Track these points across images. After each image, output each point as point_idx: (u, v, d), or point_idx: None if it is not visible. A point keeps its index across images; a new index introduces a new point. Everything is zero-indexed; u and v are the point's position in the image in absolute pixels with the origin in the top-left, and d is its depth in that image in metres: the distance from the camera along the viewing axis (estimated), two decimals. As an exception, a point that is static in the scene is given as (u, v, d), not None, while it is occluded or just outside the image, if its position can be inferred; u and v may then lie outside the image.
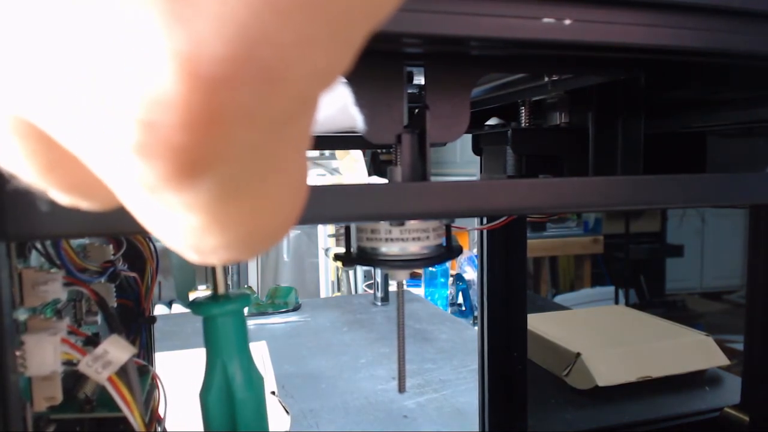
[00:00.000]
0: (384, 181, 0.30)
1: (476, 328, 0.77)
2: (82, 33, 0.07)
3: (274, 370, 1.07)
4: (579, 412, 0.79)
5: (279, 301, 1.68)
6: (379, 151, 1.54)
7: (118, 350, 0.34)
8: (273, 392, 0.94)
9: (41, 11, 0.07)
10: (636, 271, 1.85)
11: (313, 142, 0.11)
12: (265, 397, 0.39)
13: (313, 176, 2.12)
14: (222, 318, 0.37)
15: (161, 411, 0.45)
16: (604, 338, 0.92)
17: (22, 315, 0.32)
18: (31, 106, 0.08)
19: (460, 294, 2.49)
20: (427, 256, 0.35)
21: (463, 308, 2.48)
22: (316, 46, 0.08)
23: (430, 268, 2.21)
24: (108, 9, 0.07)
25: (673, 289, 1.87)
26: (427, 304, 1.88)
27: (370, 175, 2.25)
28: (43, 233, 0.21)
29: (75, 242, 0.38)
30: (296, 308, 1.68)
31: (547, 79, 0.39)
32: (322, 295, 2.40)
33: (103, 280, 0.40)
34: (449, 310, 2.33)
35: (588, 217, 1.88)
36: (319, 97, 0.09)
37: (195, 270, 2.51)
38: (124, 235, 0.41)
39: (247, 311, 1.59)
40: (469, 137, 0.61)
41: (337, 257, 0.37)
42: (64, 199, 0.10)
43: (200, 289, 2.49)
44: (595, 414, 0.79)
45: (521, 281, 0.72)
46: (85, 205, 0.11)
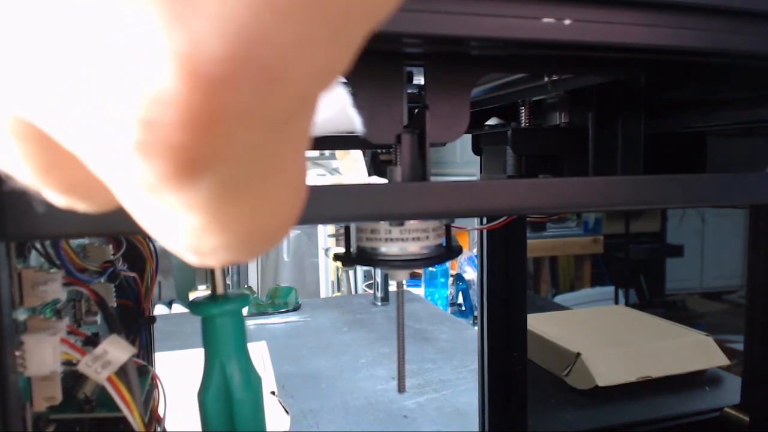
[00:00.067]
0: (384, 181, 0.30)
1: (476, 328, 0.77)
2: (82, 32, 0.07)
3: (274, 370, 1.07)
4: (579, 412, 0.79)
5: (279, 301, 1.68)
6: (379, 151, 1.54)
7: (117, 350, 0.34)
8: (273, 392, 0.94)
9: (41, 10, 0.07)
10: (636, 271, 1.85)
11: (313, 142, 0.11)
12: (263, 398, 0.39)
13: (313, 176, 2.12)
14: (220, 318, 0.37)
15: (161, 411, 0.45)
16: (604, 338, 0.92)
17: (22, 315, 0.32)
18: (30, 106, 0.08)
19: (460, 294, 2.49)
20: (427, 256, 0.35)
21: (463, 308, 2.48)
22: (316, 46, 0.08)
23: (430, 268, 2.21)
24: (108, 8, 0.07)
25: (673, 289, 1.87)
26: (427, 304, 1.88)
27: (370, 175, 2.25)
28: (42, 233, 0.21)
29: (75, 242, 0.38)
30: (296, 308, 1.68)
31: (547, 79, 0.39)
32: (322, 295, 2.40)
33: (102, 280, 0.40)
34: (449, 310, 2.33)
35: (588, 217, 1.88)
36: (319, 97, 0.09)
37: (195, 270, 2.51)
38: (124, 235, 0.41)
39: (247, 311, 1.59)
40: (469, 137, 0.61)
41: (337, 257, 0.37)
42: (61, 201, 0.10)
43: (200, 289, 2.49)
44: (595, 414, 0.79)
45: (521, 281, 0.72)
46: (82, 207, 0.11)
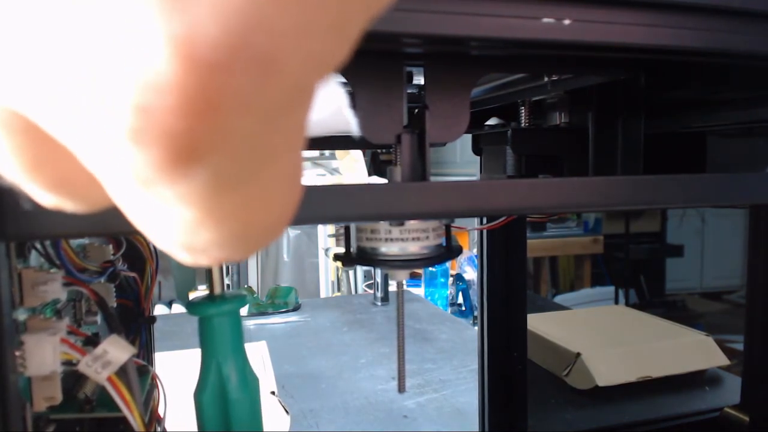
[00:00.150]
0: (384, 181, 0.30)
1: (476, 328, 0.77)
2: (75, 16, 0.07)
3: (274, 370, 1.07)
4: (579, 412, 0.79)
5: (279, 301, 1.68)
6: (379, 151, 1.54)
7: (117, 350, 0.34)
8: (273, 392, 0.94)
9: None
10: (636, 271, 1.85)
11: (313, 142, 0.11)
12: (260, 398, 0.39)
13: (313, 176, 2.12)
14: (217, 318, 0.37)
15: (161, 411, 0.45)
16: (604, 338, 0.92)
17: (22, 315, 0.32)
18: (21, 95, 0.08)
19: (460, 294, 2.49)
20: (427, 256, 0.35)
21: (463, 308, 2.48)
22: (314, 34, 0.08)
23: (430, 268, 2.21)
24: None
25: (673, 289, 1.87)
26: (427, 304, 1.89)
27: (370, 175, 2.25)
28: (43, 233, 0.21)
29: (75, 242, 0.38)
30: (296, 308, 1.68)
31: (547, 79, 0.39)
32: (322, 295, 2.40)
33: (102, 280, 0.40)
34: (449, 310, 2.34)
35: (588, 217, 1.88)
36: (316, 88, 0.09)
37: (195, 270, 2.51)
38: (124, 235, 0.41)
39: (247, 311, 1.59)
40: (469, 137, 0.61)
41: (337, 257, 0.37)
42: (49, 200, 0.10)
43: (200, 289, 2.49)
44: (595, 414, 0.79)
45: (521, 281, 0.72)
46: (70, 206, 0.10)
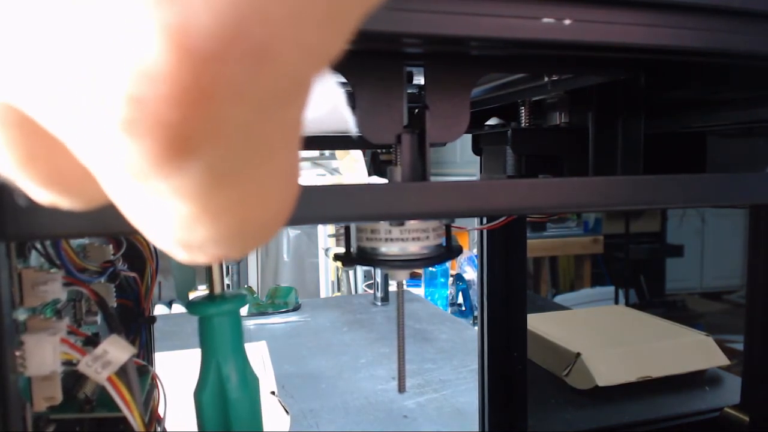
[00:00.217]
0: (384, 181, 0.30)
1: (476, 328, 0.77)
2: (68, 6, 0.07)
3: (274, 370, 1.07)
4: (579, 412, 0.79)
5: (279, 301, 1.68)
6: (379, 151, 1.54)
7: (117, 350, 0.34)
8: (273, 392, 0.94)
9: None
10: (636, 271, 1.85)
11: (311, 141, 0.10)
12: (260, 398, 0.39)
13: (313, 176, 2.12)
14: (217, 318, 0.37)
15: (161, 411, 0.45)
16: (604, 338, 0.92)
17: (22, 315, 0.32)
18: (15, 86, 0.08)
19: (460, 294, 2.49)
20: (427, 256, 0.35)
21: (463, 308, 2.48)
22: (309, 25, 0.08)
23: (430, 268, 2.21)
24: None
25: (673, 289, 1.87)
26: (427, 304, 1.89)
27: (370, 175, 2.25)
28: (43, 233, 0.21)
29: (75, 242, 0.38)
30: (296, 308, 1.68)
31: (547, 79, 0.39)
32: (322, 295, 2.41)
33: (102, 280, 0.40)
34: (449, 310, 2.34)
35: (588, 217, 1.88)
36: (312, 82, 0.08)
37: (195, 270, 2.51)
38: (124, 235, 0.41)
39: (247, 311, 1.59)
40: (469, 137, 0.61)
41: (337, 257, 0.37)
42: (44, 196, 0.10)
43: (200, 289, 2.49)
44: (595, 414, 0.79)
45: (521, 281, 0.72)
46: (65, 203, 0.10)
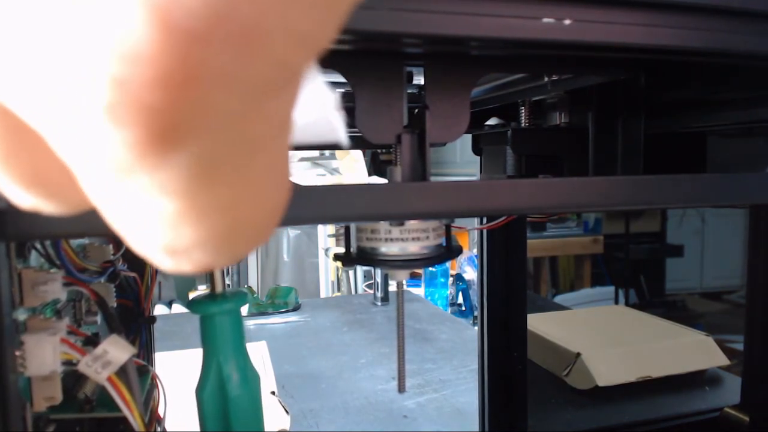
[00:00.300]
0: (384, 181, 0.30)
1: (476, 328, 0.77)
2: None
3: (274, 370, 1.07)
4: (579, 412, 0.79)
5: (279, 301, 1.68)
6: (379, 151, 1.54)
7: (117, 350, 0.34)
8: (273, 392, 0.94)
9: None
10: (636, 271, 1.85)
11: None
12: (261, 396, 0.39)
13: (313, 176, 2.12)
14: (219, 317, 0.37)
15: (161, 411, 0.45)
16: (604, 338, 0.92)
17: (22, 315, 0.32)
18: None
19: (460, 294, 2.49)
20: (427, 256, 0.35)
21: (463, 308, 2.48)
22: (299, 10, 0.07)
23: (430, 268, 2.22)
24: None
25: (673, 289, 1.87)
26: (427, 304, 1.89)
27: (370, 175, 2.25)
28: (43, 233, 0.21)
29: (75, 242, 0.38)
30: (296, 308, 1.68)
31: (547, 79, 0.39)
32: (322, 295, 2.41)
33: (102, 280, 0.40)
34: (449, 310, 2.34)
35: (588, 217, 1.88)
36: (302, 69, 0.08)
37: (194, 270, 2.51)
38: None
39: (247, 311, 1.59)
40: (469, 137, 0.61)
41: (337, 257, 0.37)
42: (25, 199, 0.10)
43: (200, 289, 2.49)
44: (595, 414, 0.79)
45: (521, 281, 0.72)
46: (47, 208, 0.10)
